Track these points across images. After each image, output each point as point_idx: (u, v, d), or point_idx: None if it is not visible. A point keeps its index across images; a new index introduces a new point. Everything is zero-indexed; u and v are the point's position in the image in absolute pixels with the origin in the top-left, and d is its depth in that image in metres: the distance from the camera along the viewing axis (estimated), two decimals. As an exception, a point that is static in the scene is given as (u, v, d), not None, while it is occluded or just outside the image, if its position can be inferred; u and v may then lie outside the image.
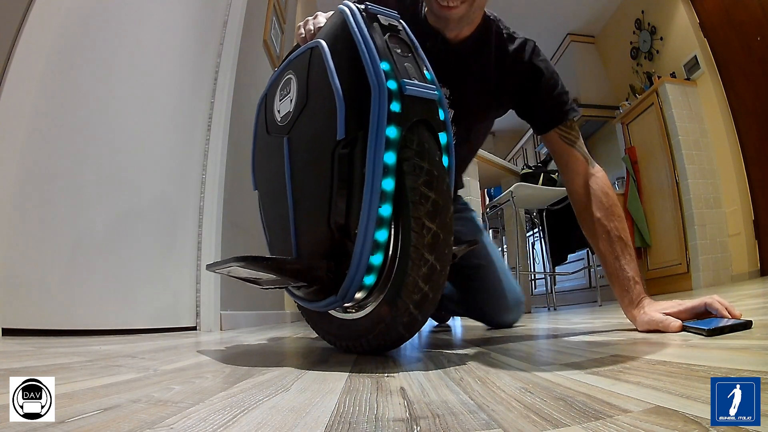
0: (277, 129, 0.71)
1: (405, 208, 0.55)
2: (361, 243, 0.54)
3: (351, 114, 0.55)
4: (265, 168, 0.78)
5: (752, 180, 2.74)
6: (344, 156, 0.56)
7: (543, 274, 3.46)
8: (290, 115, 0.67)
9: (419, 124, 0.56)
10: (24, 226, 1.01)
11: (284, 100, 0.70)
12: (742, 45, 2.73)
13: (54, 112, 1.08)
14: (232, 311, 1.59)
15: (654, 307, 0.74)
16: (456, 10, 0.78)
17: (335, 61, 0.59)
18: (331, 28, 0.64)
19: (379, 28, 0.59)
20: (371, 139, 0.53)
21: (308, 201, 0.65)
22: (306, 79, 0.64)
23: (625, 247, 0.79)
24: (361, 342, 0.63)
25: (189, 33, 1.57)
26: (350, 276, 0.56)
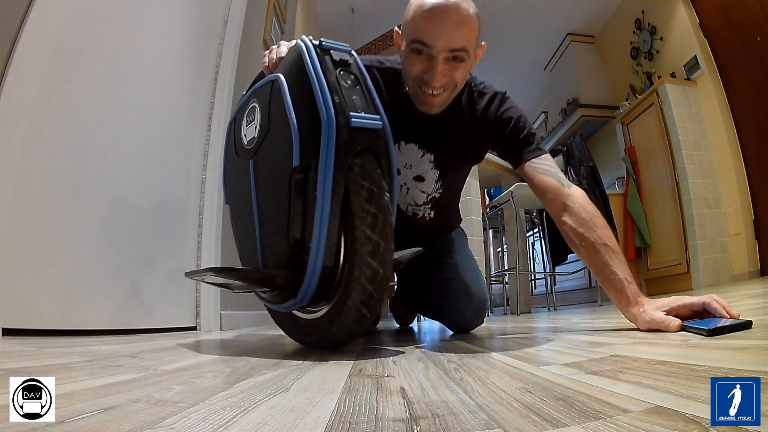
0: (244, 152, 0.79)
1: (351, 221, 0.63)
2: (314, 254, 0.63)
3: (304, 144, 0.63)
4: (234, 186, 0.86)
5: (752, 180, 2.74)
6: (299, 180, 0.65)
7: (543, 274, 3.46)
8: (255, 141, 0.76)
9: (364, 151, 0.64)
10: (24, 225, 1.00)
11: (250, 126, 0.78)
12: (742, 45, 2.73)
13: (54, 112, 1.08)
14: (232, 311, 1.59)
15: (653, 305, 0.74)
16: (438, 98, 0.86)
17: (292, 95, 0.67)
18: (288, 62, 0.72)
19: (330, 62, 0.66)
20: (321, 166, 0.61)
21: (270, 218, 0.73)
22: (268, 110, 0.72)
23: (612, 252, 0.80)
24: (320, 337, 0.72)
25: (189, 33, 1.57)
26: (306, 282, 0.65)
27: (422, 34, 0.79)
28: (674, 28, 3.23)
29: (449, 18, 0.77)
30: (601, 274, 0.82)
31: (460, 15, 0.77)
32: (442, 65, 0.80)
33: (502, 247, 3.45)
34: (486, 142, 0.98)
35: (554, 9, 4.03)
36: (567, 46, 4.50)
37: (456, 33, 0.78)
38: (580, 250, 0.85)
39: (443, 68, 0.81)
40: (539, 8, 3.99)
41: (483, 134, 0.96)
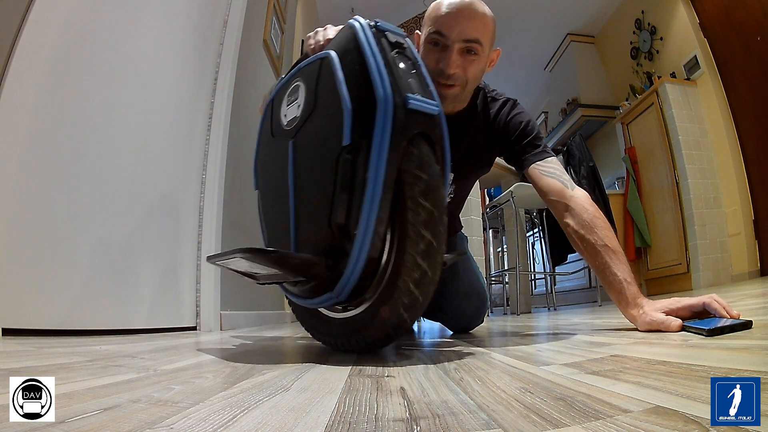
0: (283, 133, 0.73)
1: (402, 215, 0.58)
2: (360, 243, 0.57)
3: (356, 122, 0.58)
4: (267, 169, 0.81)
5: (752, 180, 2.74)
6: (348, 161, 0.59)
7: (543, 274, 3.46)
8: (297, 120, 0.70)
9: (419, 137, 0.60)
10: (24, 225, 1.01)
11: (291, 105, 0.73)
12: (742, 45, 2.73)
13: (54, 112, 1.08)
14: (232, 311, 1.59)
15: (653, 306, 0.74)
16: (452, 90, 0.88)
17: (344, 72, 0.62)
18: (341, 40, 0.68)
19: (386, 43, 0.62)
20: (375, 147, 0.56)
21: (310, 202, 0.68)
22: (315, 87, 0.67)
23: (613, 253, 0.81)
24: (349, 340, 0.66)
25: (189, 33, 1.57)
26: (347, 274, 0.59)
27: (439, 26, 0.85)
28: (674, 28, 3.23)
29: (464, 11, 0.84)
30: (601, 274, 0.82)
31: (475, 10, 0.85)
32: (456, 55, 0.85)
33: (502, 247, 3.45)
34: (495, 146, 1.00)
35: (554, 9, 4.03)
36: (567, 46, 4.50)
37: (470, 24, 0.85)
38: (582, 251, 0.86)
39: (457, 58, 0.85)
40: (539, 8, 3.99)
41: (493, 138, 0.99)
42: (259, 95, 2.05)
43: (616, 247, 0.82)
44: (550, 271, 3.05)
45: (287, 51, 2.65)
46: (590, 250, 0.83)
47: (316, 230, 0.66)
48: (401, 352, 0.72)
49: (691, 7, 3.08)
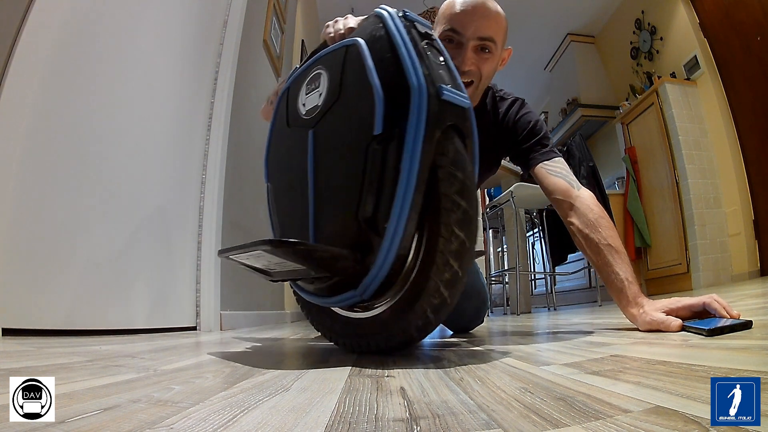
0: (301, 122, 0.70)
1: (435, 213, 0.56)
2: (391, 237, 0.54)
3: (388, 111, 0.56)
4: (282, 160, 0.76)
5: (752, 180, 2.74)
6: (378, 151, 0.57)
7: (543, 274, 3.46)
8: (318, 109, 0.67)
9: (452, 129, 0.58)
10: (24, 225, 1.01)
11: (311, 94, 0.70)
12: (742, 45, 2.73)
13: (54, 112, 1.08)
14: (232, 311, 1.59)
15: (653, 306, 0.74)
16: (467, 88, 0.88)
17: (374, 60, 0.60)
18: (368, 28, 0.65)
19: (416, 33, 0.60)
20: (409, 136, 0.55)
21: (333, 193, 0.64)
22: (340, 75, 0.64)
23: (616, 252, 0.81)
24: (368, 341, 0.64)
25: (189, 33, 1.57)
26: (374, 271, 0.56)
27: (454, 23, 0.87)
28: (674, 28, 3.23)
29: (479, 9, 0.87)
30: (603, 273, 0.83)
31: (488, 9, 0.87)
32: (470, 52, 0.87)
33: (502, 247, 3.45)
34: (503, 145, 1.00)
35: (554, 9, 4.03)
36: (567, 46, 4.50)
37: (484, 22, 0.87)
38: (585, 250, 0.87)
39: (472, 56, 0.87)
40: (539, 8, 3.99)
41: (501, 137, 0.99)
42: (260, 95, 2.05)
43: (619, 246, 0.82)
44: (550, 271, 3.05)
45: (287, 51, 2.65)
46: (593, 248, 0.83)
47: (340, 223, 0.63)
48: (401, 351, 0.72)
49: (691, 7, 3.08)
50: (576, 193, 0.89)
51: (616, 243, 0.82)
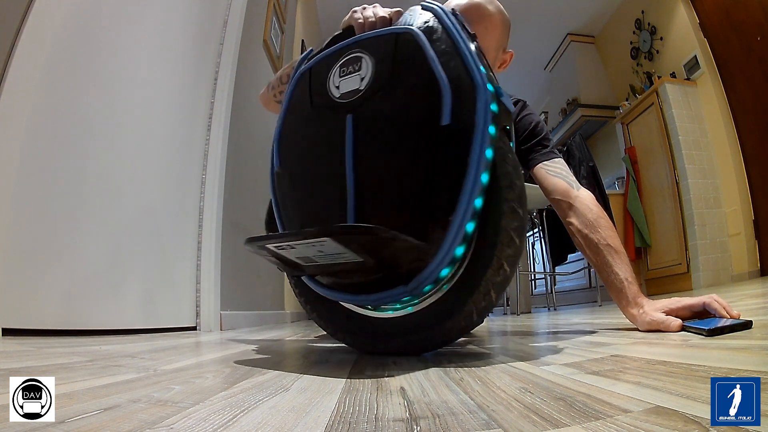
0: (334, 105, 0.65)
1: (495, 216, 0.57)
2: (456, 229, 0.53)
3: (455, 104, 0.56)
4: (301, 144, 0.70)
5: (752, 180, 2.74)
6: (444, 143, 0.56)
7: (543, 274, 3.46)
8: (360, 93, 0.63)
9: (504, 132, 0.60)
10: (24, 225, 1.01)
11: (349, 77, 0.66)
12: (742, 45, 2.73)
13: (54, 111, 1.08)
14: (232, 311, 1.59)
15: (653, 306, 0.74)
16: None
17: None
18: (414, 21, 0.65)
19: (467, 33, 0.60)
20: (477, 131, 0.54)
21: (384, 182, 0.61)
22: (391, 62, 0.62)
23: (615, 252, 0.81)
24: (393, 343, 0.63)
25: (189, 33, 1.57)
26: (434, 264, 0.54)
27: None
28: (674, 28, 3.23)
29: (468, 12, 0.84)
30: (603, 273, 0.83)
31: (479, 12, 0.85)
32: None
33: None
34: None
35: (554, 9, 4.03)
36: (567, 46, 4.49)
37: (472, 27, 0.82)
38: (585, 250, 0.87)
39: None
40: (539, 8, 3.99)
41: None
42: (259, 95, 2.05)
43: (618, 246, 0.82)
44: (550, 271, 3.05)
45: (287, 51, 2.65)
46: (593, 249, 0.84)
47: (393, 214, 0.59)
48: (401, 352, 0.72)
49: (691, 7, 3.08)
50: (575, 193, 0.89)
51: (616, 243, 0.83)
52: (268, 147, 0.77)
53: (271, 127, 2.43)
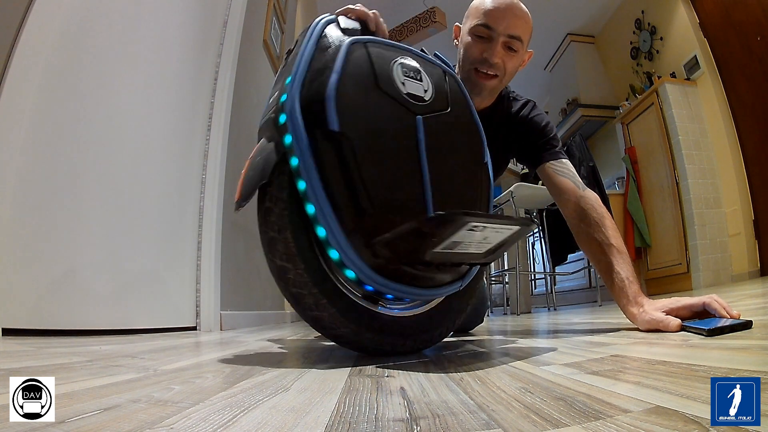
0: (402, 99, 0.67)
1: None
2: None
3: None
4: (366, 117, 0.66)
5: (752, 180, 2.73)
6: (484, 173, 0.75)
7: (543, 274, 3.46)
8: (425, 103, 0.68)
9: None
10: (24, 225, 1.01)
11: (412, 82, 0.69)
12: (742, 45, 2.73)
13: (54, 112, 1.08)
14: (232, 311, 1.59)
15: (653, 306, 0.74)
16: (492, 81, 0.93)
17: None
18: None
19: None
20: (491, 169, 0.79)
21: (454, 188, 0.71)
22: (446, 92, 0.72)
23: (617, 252, 0.82)
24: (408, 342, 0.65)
25: (189, 33, 1.57)
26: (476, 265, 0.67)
27: (487, 19, 0.91)
28: (674, 28, 3.23)
29: (513, 8, 0.92)
30: (604, 272, 0.84)
31: (521, 9, 0.93)
32: (500, 47, 0.91)
33: (502, 247, 3.44)
34: (512, 144, 1.03)
35: (554, 9, 4.03)
36: (567, 46, 4.49)
37: (516, 21, 0.91)
38: (587, 249, 0.88)
39: (500, 50, 0.91)
40: (539, 8, 3.97)
41: (511, 136, 1.02)
42: (260, 95, 2.05)
43: (621, 246, 0.83)
44: (550, 271, 3.05)
45: (287, 51, 2.65)
46: (595, 248, 0.85)
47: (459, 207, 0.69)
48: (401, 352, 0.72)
49: (691, 7, 3.08)
50: (581, 193, 0.91)
51: (618, 243, 0.83)
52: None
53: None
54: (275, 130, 0.61)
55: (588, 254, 0.89)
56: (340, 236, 0.57)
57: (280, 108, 0.60)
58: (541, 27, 4.39)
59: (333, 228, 0.57)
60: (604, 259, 0.83)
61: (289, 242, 0.58)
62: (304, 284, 0.60)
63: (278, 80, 0.66)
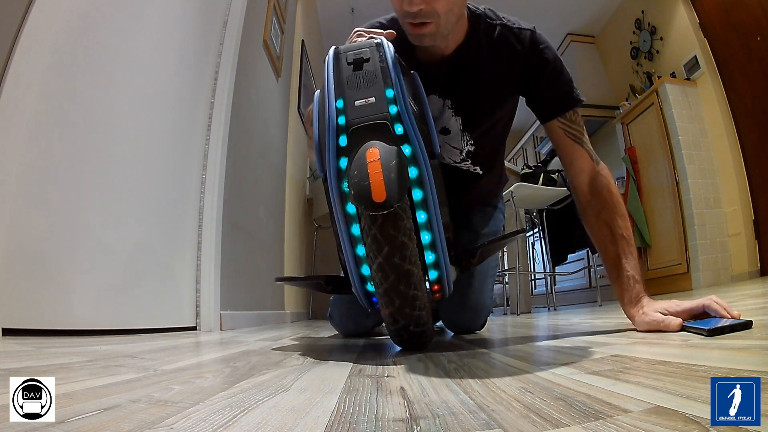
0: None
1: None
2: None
3: None
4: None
5: (752, 180, 2.73)
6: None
7: (543, 274, 3.46)
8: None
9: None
10: (24, 225, 1.01)
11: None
12: (742, 45, 2.73)
13: (54, 112, 1.08)
14: (232, 311, 1.59)
15: (653, 307, 0.74)
16: (427, 28, 0.78)
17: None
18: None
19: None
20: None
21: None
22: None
23: (628, 245, 0.79)
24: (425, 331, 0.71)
25: (189, 33, 1.57)
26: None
27: None
28: (674, 28, 3.23)
29: None
30: (611, 264, 0.80)
31: None
32: None
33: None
34: (513, 83, 0.89)
35: (554, 9, 4.03)
36: (567, 46, 4.49)
37: None
38: (595, 231, 0.82)
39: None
40: (539, 8, 3.98)
41: (510, 72, 0.87)
42: (260, 95, 2.05)
43: (631, 239, 0.80)
44: (550, 271, 3.05)
45: (287, 51, 2.65)
46: (605, 234, 0.80)
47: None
48: (401, 352, 0.72)
49: (691, 7, 3.08)
50: (596, 168, 0.84)
51: (630, 235, 0.80)
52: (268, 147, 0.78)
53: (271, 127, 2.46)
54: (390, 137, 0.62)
55: (594, 236, 0.83)
56: (443, 240, 0.65)
57: (394, 118, 0.62)
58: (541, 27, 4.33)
59: (439, 233, 0.64)
60: (612, 249, 0.79)
61: (415, 247, 0.62)
62: (421, 285, 0.63)
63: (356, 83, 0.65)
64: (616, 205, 0.82)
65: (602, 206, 0.82)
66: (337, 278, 0.78)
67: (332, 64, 0.66)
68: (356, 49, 0.68)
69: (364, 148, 0.58)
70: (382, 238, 0.57)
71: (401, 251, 0.58)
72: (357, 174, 0.56)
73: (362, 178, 0.55)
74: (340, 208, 0.63)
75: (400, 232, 0.58)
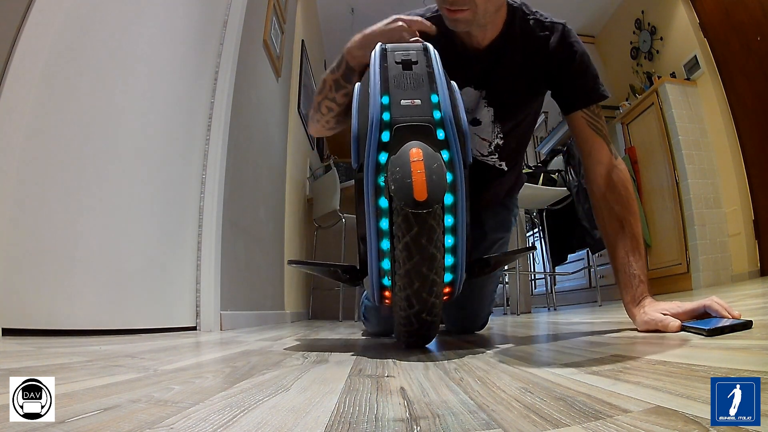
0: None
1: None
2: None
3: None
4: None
5: (752, 180, 2.73)
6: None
7: (543, 274, 3.46)
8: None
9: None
10: (24, 225, 1.01)
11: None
12: (742, 45, 2.73)
13: (54, 112, 1.08)
14: (232, 311, 1.59)
15: (654, 307, 0.74)
16: (463, 14, 0.80)
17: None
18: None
19: None
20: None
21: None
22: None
23: (637, 244, 0.79)
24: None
25: (189, 33, 1.57)
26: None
27: None
28: (674, 28, 3.23)
29: None
30: (618, 261, 0.80)
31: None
32: None
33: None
34: (542, 75, 0.91)
35: (554, 9, 4.00)
36: (567, 46, 4.49)
37: None
38: (607, 226, 0.83)
39: None
40: (539, 8, 3.98)
41: (540, 66, 0.90)
42: (260, 95, 2.05)
43: (641, 239, 0.80)
44: (550, 271, 3.05)
45: (287, 51, 2.65)
46: (617, 230, 0.81)
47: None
48: (401, 352, 0.72)
49: (691, 7, 3.08)
50: (614, 163, 0.85)
51: (640, 234, 0.80)
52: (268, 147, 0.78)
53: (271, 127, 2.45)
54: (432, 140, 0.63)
55: (604, 231, 0.84)
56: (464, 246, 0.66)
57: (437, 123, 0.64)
58: (541, 27, 4.39)
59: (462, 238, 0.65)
60: (622, 246, 0.79)
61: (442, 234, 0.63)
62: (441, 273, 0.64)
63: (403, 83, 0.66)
64: (630, 202, 0.82)
65: (616, 200, 0.82)
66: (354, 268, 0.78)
67: (379, 60, 0.68)
68: (405, 50, 0.70)
69: (407, 147, 0.60)
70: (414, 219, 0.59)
71: (429, 234, 0.59)
72: (399, 171, 0.58)
73: (405, 176, 0.57)
74: (373, 201, 0.63)
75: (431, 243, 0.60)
